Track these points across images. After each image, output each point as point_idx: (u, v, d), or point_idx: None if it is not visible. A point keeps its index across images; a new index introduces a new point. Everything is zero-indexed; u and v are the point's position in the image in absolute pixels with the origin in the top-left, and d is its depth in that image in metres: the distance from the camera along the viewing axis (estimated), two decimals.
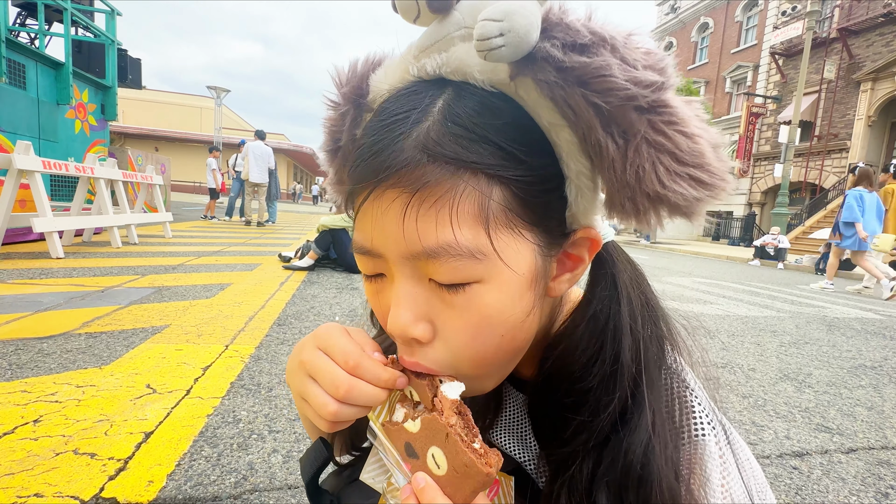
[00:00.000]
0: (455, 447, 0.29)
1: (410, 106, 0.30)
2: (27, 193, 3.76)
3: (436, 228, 0.28)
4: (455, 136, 0.28)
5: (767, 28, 17.82)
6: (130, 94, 23.43)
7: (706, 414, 0.33)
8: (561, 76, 0.26)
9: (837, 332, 3.30)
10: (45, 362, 1.55)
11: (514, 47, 0.26)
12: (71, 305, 2.25)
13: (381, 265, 0.32)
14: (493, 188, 0.28)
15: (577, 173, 0.30)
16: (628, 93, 0.25)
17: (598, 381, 0.33)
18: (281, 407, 1.38)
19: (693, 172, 0.27)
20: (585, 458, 0.32)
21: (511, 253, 0.30)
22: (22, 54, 4.28)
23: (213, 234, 6.46)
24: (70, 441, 1.09)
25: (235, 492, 0.97)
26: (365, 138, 0.31)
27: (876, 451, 1.45)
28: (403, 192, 0.28)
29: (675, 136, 0.26)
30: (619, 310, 0.34)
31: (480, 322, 0.30)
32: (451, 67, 0.30)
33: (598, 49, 0.26)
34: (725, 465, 0.32)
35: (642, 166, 0.26)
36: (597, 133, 0.27)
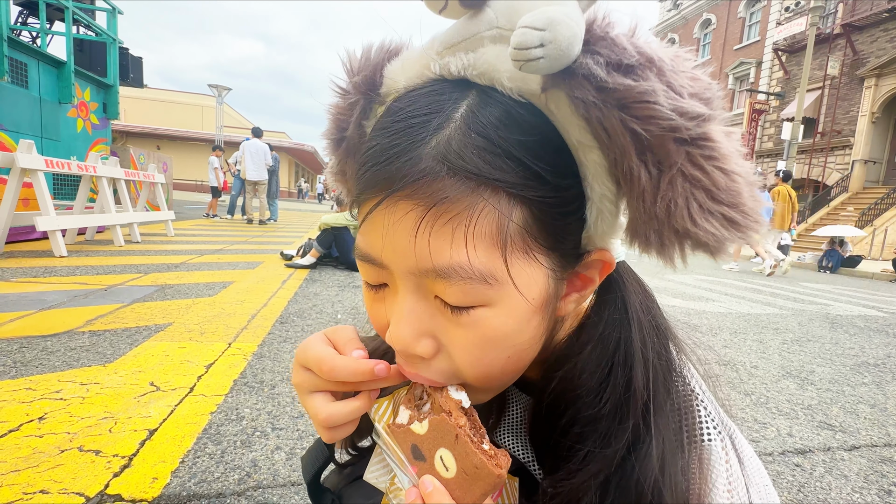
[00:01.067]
0: (465, 448, 0.28)
1: (431, 109, 0.27)
2: (30, 192, 3.78)
3: (450, 248, 0.26)
4: (478, 148, 0.26)
5: (770, 24, 17.71)
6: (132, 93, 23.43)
7: (712, 419, 0.32)
8: (601, 97, 0.24)
9: (840, 329, 3.29)
10: (50, 360, 1.56)
11: (554, 60, 0.24)
12: (74, 304, 2.26)
13: (385, 276, 0.30)
14: (513, 209, 0.26)
15: (601, 196, 0.28)
16: (672, 123, 0.23)
17: (610, 408, 0.31)
18: (284, 404, 1.38)
19: (727, 212, 0.25)
20: (597, 490, 0.30)
21: (524, 278, 0.28)
22: (24, 53, 4.28)
23: (215, 233, 6.48)
24: (75, 438, 1.10)
25: (239, 489, 0.97)
26: (378, 139, 0.29)
27: (879, 448, 1.44)
28: (418, 205, 0.26)
29: (714, 171, 0.24)
30: (629, 335, 0.32)
31: (486, 344, 0.29)
32: (479, 70, 0.28)
33: (645, 71, 0.24)
34: (731, 471, 0.31)
35: (675, 200, 0.25)
36: (630, 160, 0.25)
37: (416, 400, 0.33)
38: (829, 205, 14.57)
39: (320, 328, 2.21)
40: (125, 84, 6.29)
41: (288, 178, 32.88)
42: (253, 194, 8.52)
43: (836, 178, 15.30)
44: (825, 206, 14.65)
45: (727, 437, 0.32)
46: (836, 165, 15.53)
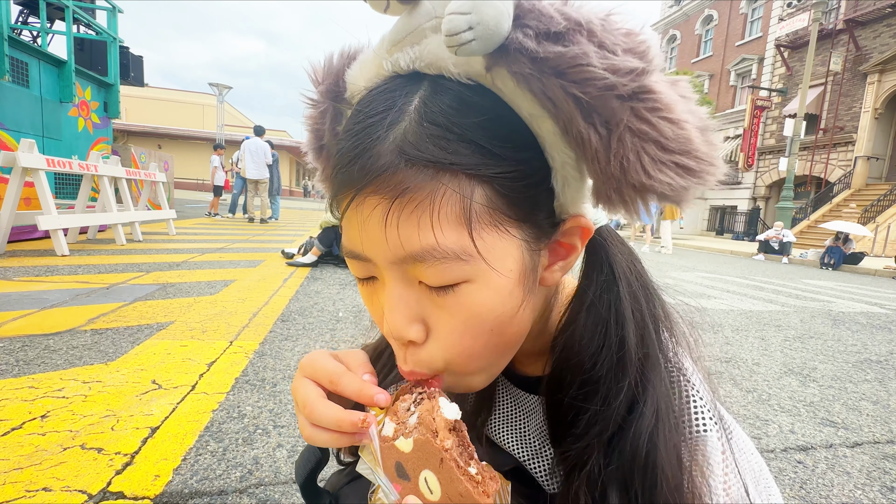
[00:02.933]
0: (450, 474, 0.27)
1: (386, 106, 0.28)
2: (32, 191, 3.79)
3: (418, 234, 0.27)
4: (432, 136, 0.27)
5: (773, 20, 17.61)
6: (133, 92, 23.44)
7: (708, 409, 0.32)
8: (536, 67, 0.25)
9: (842, 326, 3.28)
10: (52, 358, 1.56)
11: (485, 40, 0.24)
12: (76, 302, 2.26)
13: (372, 268, 0.31)
14: (474, 188, 0.27)
15: (562, 164, 0.29)
16: (607, 82, 0.24)
17: (607, 369, 0.32)
18: (285, 402, 1.38)
19: (680, 160, 0.26)
20: (600, 452, 0.31)
21: (497, 252, 0.29)
22: (24, 52, 4.28)
23: (216, 231, 6.48)
24: (77, 436, 1.10)
25: (241, 486, 0.97)
26: (343, 142, 0.30)
27: (881, 445, 1.44)
28: (383, 199, 0.27)
29: (660, 123, 0.25)
30: (618, 294, 0.33)
31: (470, 320, 0.30)
32: (426, 62, 0.28)
33: (574, 36, 0.24)
34: (727, 461, 0.31)
35: (626, 157, 0.25)
36: (578, 124, 0.26)
37: (402, 412, 0.31)
38: (832, 201, 14.51)
39: (322, 326, 2.21)
40: (126, 83, 6.29)
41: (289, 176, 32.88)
42: (254, 193, 8.52)
43: (838, 175, 15.23)
44: (827, 203, 14.60)
45: (721, 427, 0.32)
46: (838, 162, 15.46)
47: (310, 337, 2.04)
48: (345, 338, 2.08)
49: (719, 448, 0.31)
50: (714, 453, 0.31)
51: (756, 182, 18.10)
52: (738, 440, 0.35)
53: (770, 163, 17.28)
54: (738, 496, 0.31)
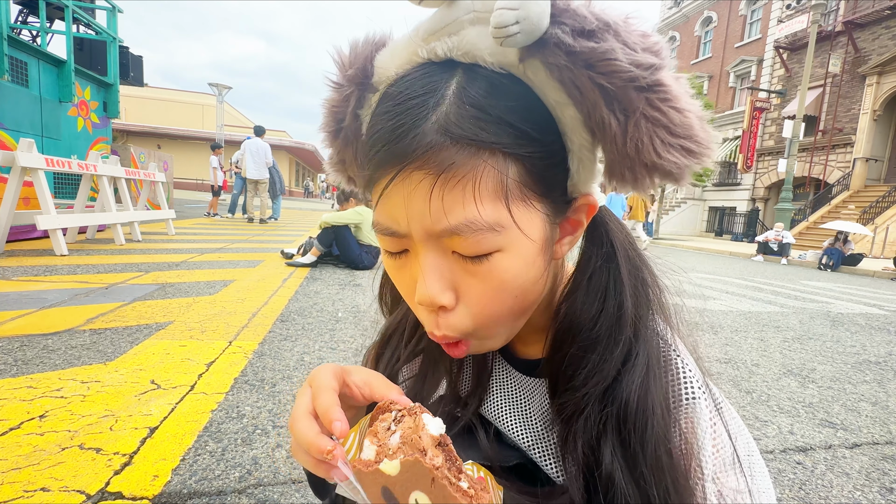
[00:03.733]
0: (443, 492, 0.27)
1: (426, 89, 0.31)
2: (31, 191, 3.78)
3: (463, 206, 0.30)
4: (473, 117, 0.29)
5: (772, 22, 17.64)
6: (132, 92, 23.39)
7: (696, 378, 0.35)
8: (570, 60, 0.28)
9: (841, 327, 3.29)
10: (51, 358, 1.56)
11: (529, 34, 0.27)
12: (75, 302, 2.26)
13: (406, 242, 0.34)
14: (509, 165, 0.30)
15: (580, 146, 0.33)
16: (630, 74, 0.28)
17: (606, 328, 0.35)
18: (284, 402, 1.38)
19: (684, 143, 0.29)
20: (595, 403, 0.34)
21: (525, 223, 0.32)
22: (24, 52, 4.28)
23: (215, 232, 6.48)
24: (76, 436, 1.10)
25: (240, 486, 0.97)
26: (382, 121, 0.32)
27: (880, 446, 1.44)
28: (429, 173, 0.29)
29: (669, 111, 0.29)
30: (618, 263, 0.37)
31: (500, 286, 0.33)
32: (462, 51, 0.31)
33: (604, 34, 0.28)
34: (716, 429, 0.34)
35: (641, 139, 0.29)
36: (601, 111, 0.29)
37: (383, 432, 0.30)
38: (831, 203, 14.53)
39: (321, 326, 2.21)
40: (125, 83, 6.28)
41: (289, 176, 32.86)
42: (254, 193, 8.51)
43: (837, 176, 15.25)
44: (826, 205, 14.62)
45: (710, 396, 0.35)
46: (837, 163, 15.49)
47: (309, 337, 2.04)
48: (344, 338, 2.07)
49: (707, 414, 0.34)
50: (703, 418, 0.34)
51: (755, 183, 18.12)
52: (728, 413, 0.37)
53: (769, 164, 17.30)
54: (727, 457, 0.34)
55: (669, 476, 0.32)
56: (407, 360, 0.49)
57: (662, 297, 0.39)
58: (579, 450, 0.34)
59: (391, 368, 0.49)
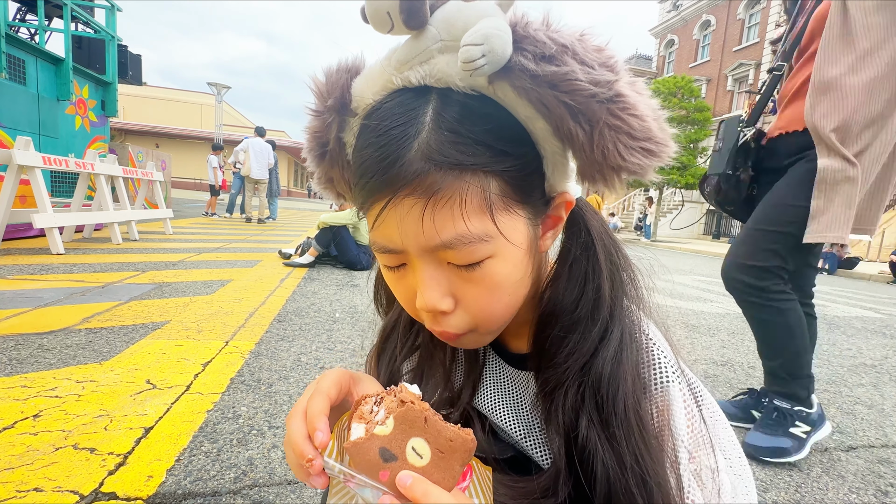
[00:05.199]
0: (436, 426, 0.30)
1: (405, 118, 0.33)
2: (27, 189, 3.76)
3: (452, 223, 0.33)
4: (452, 142, 0.32)
5: (770, 25, 17.74)
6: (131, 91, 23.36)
7: (670, 364, 0.38)
8: (534, 82, 0.31)
9: (838, 330, 3.30)
10: (45, 357, 1.55)
11: (495, 64, 0.30)
12: (71, 301, 2.25)
13: (403, 258, 0.37)
14: (490, 181, 0.33)
15: (552, 153, 0.36)
16: (590, 91, 0.31)
17: (586, 310, 0.39)
18: (281, 403, 1.38)
19: (644, 145, 0.32)
20: (573, 379, 0.38)
21: (511, 230, 0.35)
22: (22, 50, 4.26)
23: (213, 231, 6.46)
24: (70, 436, 1.09)
25: (235, 487, 0.97)
26: (368, 151, 0.35)
27: (876, 449, 1.45)
28: (419, 199, 0.32)
29: (629, 118, 0.31)
30: (595, 251, 0.40)
31: (494, 287, 0.36)
32: (435, 78, 0.33)
33: (563, 56, 0.31)
34: (689, 408, 0.37)
35: (606, 146, 0.32)
36: (567, 123, 0.32)
37: (368, 414, 0.32)
38: None
39: (318, 327, 2.20)
40: (124, 81, 6.26)
41: (287, 176, 32.81)
42: (253, 193, 8.50)
43: None
44: None
45: (684, 381, 0.38)
46: None
47: (306, 338, 2.03)
48: (341, 338, 2.07)
49: (681, 397, 0.37)
50: (676, 401, 0.36)
51: None
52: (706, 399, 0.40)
53: None
54: (702, 438, 0.37)
55: (640, 436, 0.35)
56: (405, 356, 0.51)
57: (636, 279, 0.42)
58: (560, 419, 0.38)
59: (391, 366, 0.51)
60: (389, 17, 0.32)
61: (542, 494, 0.39)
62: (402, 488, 0.28)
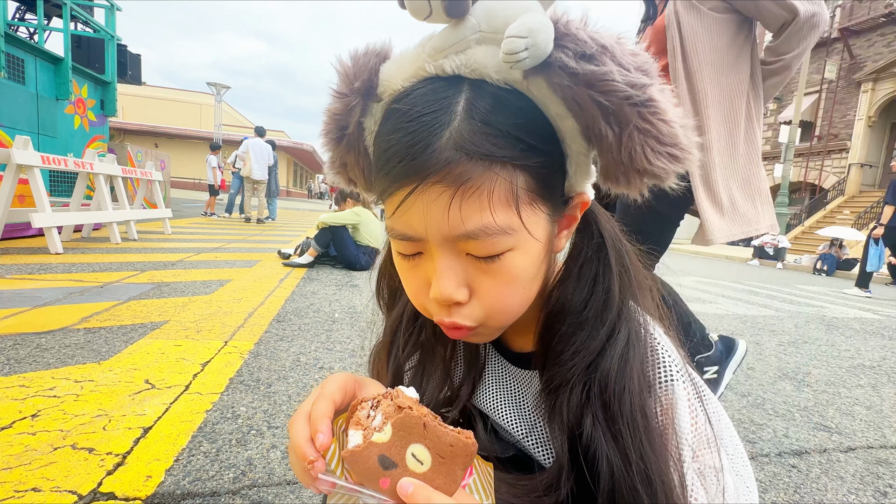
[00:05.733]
0: (435, 432, 0.30)
1: (437, 105, 0.33)
2: (26, 189, 3.75)
3: (479, 214, 0.32)
4: (483, 133, 0.32)
5: None
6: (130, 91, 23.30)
7: (675, 363, 0.38)
8: (572, 80, 0.31)
9: (836, 331, 3.30)
10: (44, 357, 1.55)
11: (536, 58, 0.31)
12: (70, 301, 2.24)
13: (420, 246, 0.36)
14: (518, 175, 0.33)
15: (577, 152, 0.36)
16: (626, 93, 0.31)
17: (595, 310, 0.39)
18: (280, 403, 1.37)
19: (670, 150, 0.33)
20: (579, 378, 0.38)
21: (533, 225, 0.35)
22: (21, 49, 4.26)
23: (212, 231, 6.45)
24: (68, 436, 1.09)
25: (234, 487, 0.96)
26: (395, 136, 0.34)
27: (874, 450, 1.45)
28: (448, 187, 0.32)
29: (658, 123, 0.32)
30: (607, 253, 0.40)
31: (511, 280, 0.36)
32: (470, 68, 0.33)
33: (602, 57, 0.31)
34: (693, 410, 0.37)
35: (634, 149, 0.32)
36: (599, 123, 0.32)
37: (364, 419, 0.32)
38: (826, 208, 14.63)
39: (317, 327, 2.20)
40: (123, 81, 6.26)
41: (286, 176, 32.78)
42: (252, 193, 8.49)
43: (832, 182, 15.36)
44: (821, 210, 14.71)
45: (689, 380, 0.38)
46: (832, 169, 15.60)
47: (305, 338, 2.03)
48: (340, 339, 2.07)
49: (685, 395, 0.37)
50: (681, 399, 0.36)
51: None
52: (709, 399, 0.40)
53: (766, 169, 17.39)
54: (705, 438, 0.36)
55: (645, 434, 0.35)
56: (408, 354, 0.52)
57: (644, 281, 0.42)
58: (565, 417, 0.38)
59: (397, 361, 0.52)
60: (429, 4, 0.32)
61: (544, 491, 0.38)
62: (403, 496, 0.28)
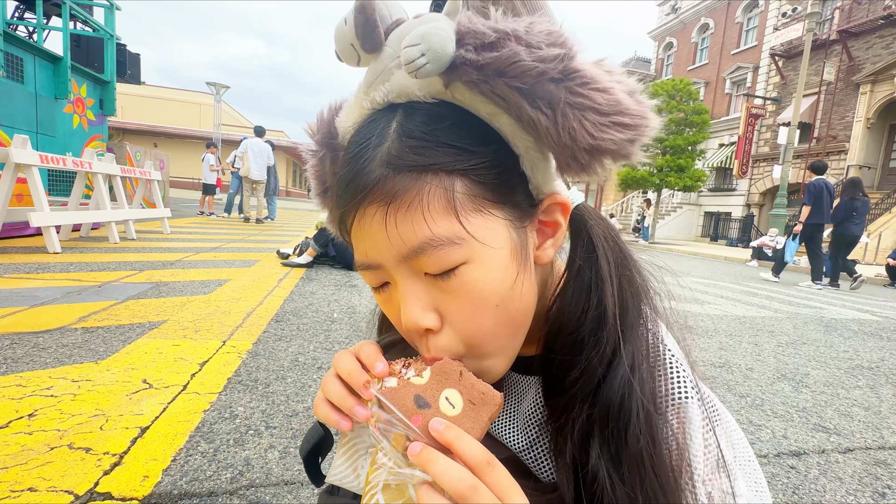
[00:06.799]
0: (470, 380, 0.32)
1: (370, 133, 0.34)
2: (24, 188, 3.74)
3: (413, 228, 0.32)
4: (410, 147, 0.32)
5: (768, 29, 17.81)
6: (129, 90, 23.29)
7: (689, 380, 0.35)
8: (482, 73, 0.30)
9: (835, 332, 3.31)
10: (41, 356, 1.54)
11: (436, 61, 0.30)
12: (67, 300, 2.24)
13: (383, 275, 0.36)
14: (454, 181, 0.32)
15: (526, 149, 0.34)
16: (538, 69, 0.29)
17: (590, 327, 0.36)
18: (278, 403, 1.37)
19: (616, 119, 0.30)
20: (582, 407, 0.35)
21: (486, 232, 0.33)
22: (20, 48, 4.25)
23: (211, 231, 6.45)
24: (65, 435, 1.08)
25: (231, 487, 0.96)
26: (342, 170, 0.36)
27: (873, 451, 1.45)
28: (380, 206, 0.32)
29: (592, 93, 0.30)
30: (597, 259, 0.38)
31: (475, 297, 0.34)
32: (396, 93, 0.34)
33: (504, 42, 0.29)
34: (706, 429, 0.34)
35: (572, 126, 0.30)
36: (526, 111, 0.31)
37: (398, 371, 0.35)
38: None
39: (316, 327, 2.20)
40: (122, 81, 6.25)
41: (286, 176, 32.76)
42: (251, 193, 8.48)
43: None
44: None
45: (701, 396, 0.36)
46: (831, 170, 15.62)
47: (304, 338, 2.03)
48: (339, 339, 2.06)
49: (699, 415, 0.34)
50: (694, 419, 0.34)
51: (750, 189, 18.25)
52: (724, 417, 0.38)
53: (764, 170, 17.44)
54: (716, 462, 0.34)
55: (656, 474, 0.32)
56: None
57: (650, 293, 0.39)
58: (569, 450, 0.35)
59: None
60: (354, 48, 0.34)
61: None
62: (434, 433, 0.30)
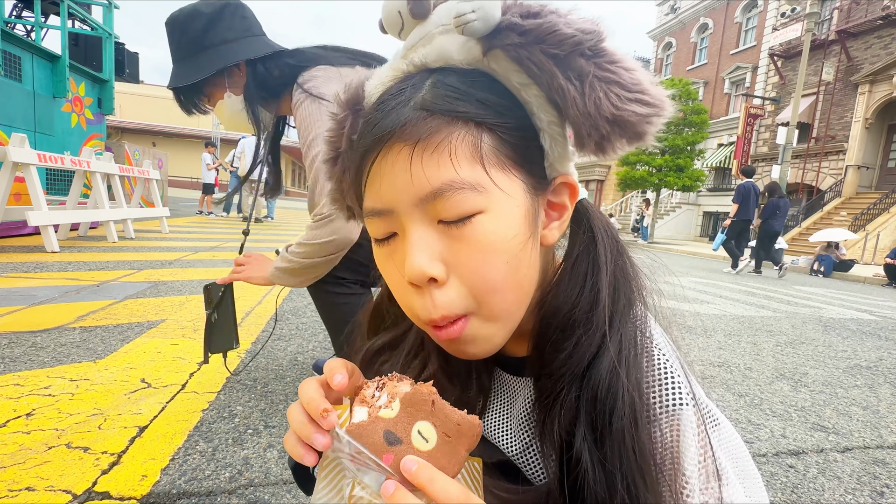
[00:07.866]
0: (444, 410, 0.30)
1: (404, 86, 0.35)
2: (22, 187, 3.73)
3: (439, 169, 0.32)
4: (446, 95, 0.34)
5: (767, 29, 17.83)
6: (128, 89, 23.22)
7: (684, 384, 0.35)
8: (523, 38, 0.32)
9: (833, 332, 3.31)
10: (39, 356, 1.54)
11: (485, 21, 0.32)
12: (66, 299, 2.23)
13: (392, 223, 0.36)
14: (482, 133, 0.34)
15: (548, 123, 0.36)
16: (575, 39, 0.31)
17: (583, 312, 0.37)
18: (276, 402, 1.37)
19: (639, 97, 0.32)
20: (570, 390, 0.35)
21: (505, 186, 0.35)
22: (18, 46, 4.24)
23: (210, 230, 6.44)
24: (63, 435, 1.08)
25: (230, 486, 0.96)
26: (367, 116, 0.37)
27: (871, 450, 1.45)
28: (407, 144, 0.33)
29: (618, 70, 0.32)
30: (596, 248, 0.39)
31: (487, 248, 0.34)
32: (434, 55, 0.35)
33: (547, 14, 0.32)
34: (702, 436, 0.34)
35: (598, 97, 0.32)
36: (558, 79, 0.33)
37: (370, 398, 0.32)
38: (823, 209, 14.67)
39: (315, 326, 2.19)
40: (121, 79, 6.23)
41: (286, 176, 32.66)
42: (250, 192, 8.47)
43: (829, 183, 15.41)
44: (818, 211, 14.76)
45: (696, 403, 0.35)
46: (829, 170, 15.65)
47: (303, 337, 2.02)
48: None
49: (695, 422, 0.34)
50: (689, 427, 0.33)
51: None
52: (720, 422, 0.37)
53: (763, 170, 17.45)
54: (712, 471, 0.33)
55: (636, 464, 0.32)
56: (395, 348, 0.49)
57: (642, 287, 0.40)
58: (556, 433, 0.35)
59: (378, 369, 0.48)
60: (400, 15, 0.36)
61: None
62: (406, 473, 0.27)
